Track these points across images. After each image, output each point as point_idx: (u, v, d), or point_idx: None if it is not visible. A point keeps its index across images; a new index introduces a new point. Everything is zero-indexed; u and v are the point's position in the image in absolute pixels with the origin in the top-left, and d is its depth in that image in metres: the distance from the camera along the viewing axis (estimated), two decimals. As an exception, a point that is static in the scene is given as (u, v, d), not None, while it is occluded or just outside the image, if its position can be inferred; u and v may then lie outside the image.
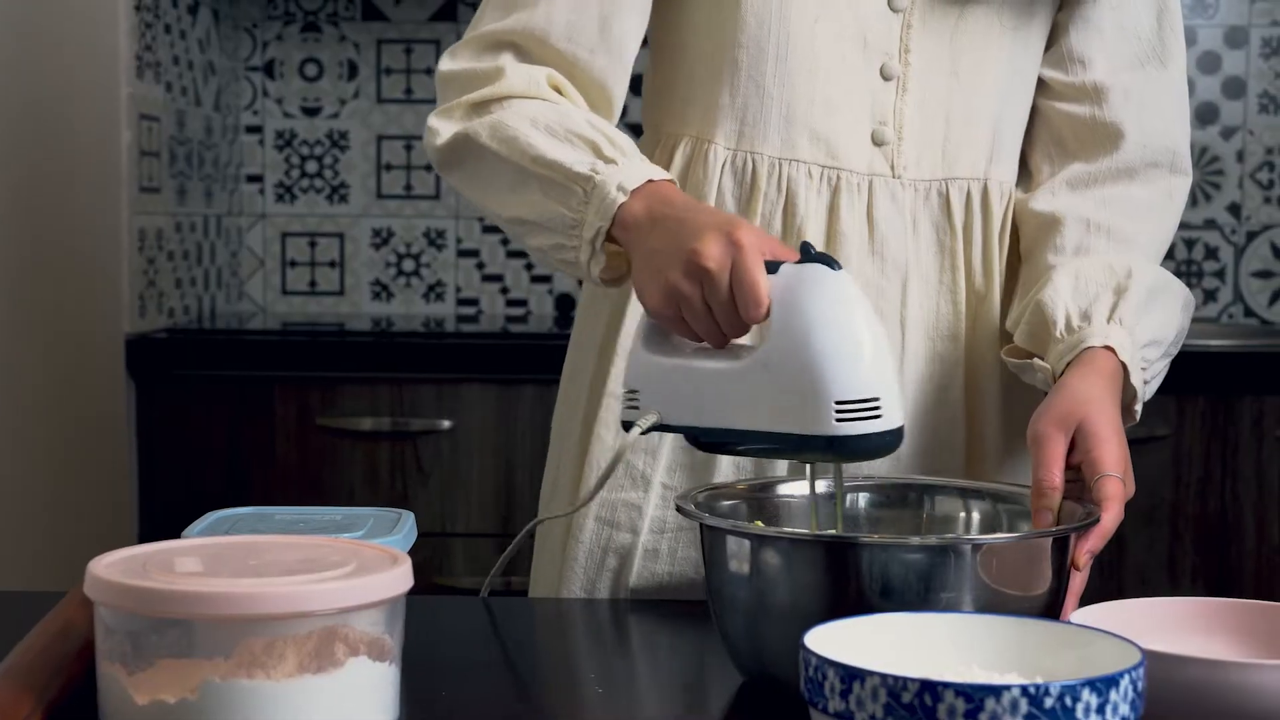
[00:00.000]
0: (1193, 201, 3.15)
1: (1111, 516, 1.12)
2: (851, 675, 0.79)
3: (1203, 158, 3.14)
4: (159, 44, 2.69)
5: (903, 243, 1.35)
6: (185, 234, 2.85)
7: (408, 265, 3.20)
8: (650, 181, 1.22)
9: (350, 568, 0.90)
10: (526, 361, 2.56)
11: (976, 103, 1.36)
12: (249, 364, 2.58)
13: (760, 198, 1.33)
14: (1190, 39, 3.11)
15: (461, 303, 3.20)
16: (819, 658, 0.81)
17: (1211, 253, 3.17)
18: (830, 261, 1.08)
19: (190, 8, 2.86)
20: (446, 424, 2.56)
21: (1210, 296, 3.18)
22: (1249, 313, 3.18)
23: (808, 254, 1.10)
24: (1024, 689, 0.76)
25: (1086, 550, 1.09)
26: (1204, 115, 3.14)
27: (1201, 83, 3.13)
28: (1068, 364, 1.26)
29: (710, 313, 1.12)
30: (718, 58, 1.34)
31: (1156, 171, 1.39)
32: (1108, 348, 1.25)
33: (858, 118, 1.34)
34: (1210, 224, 3.16)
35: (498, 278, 3.19)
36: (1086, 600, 1.06)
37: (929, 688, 0.77)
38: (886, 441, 1.08)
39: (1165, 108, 1.39)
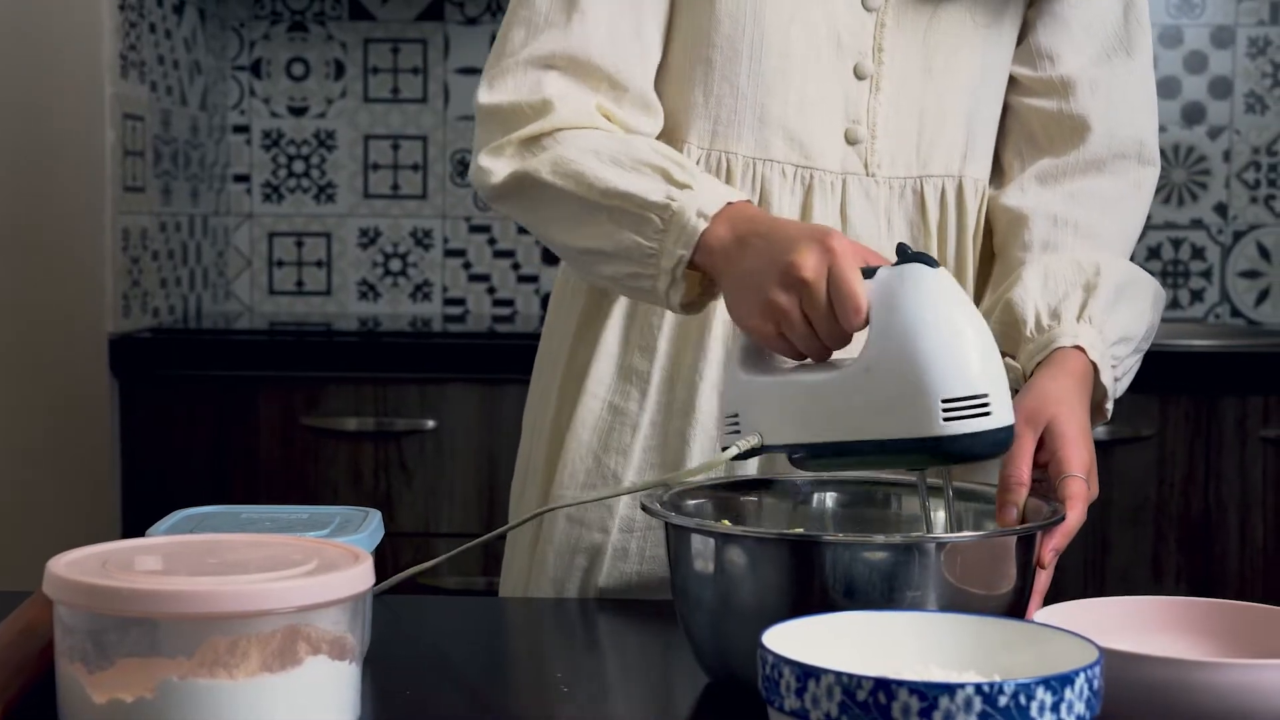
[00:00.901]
0: (1179, 201, 3.15)
1: (1075, 516, 1.12)
2: (807, 673, 0.79)
3: (1189, 157, 3.14)
4: (143, 43, 2.69)
5: (877, 241, 1.34)
6: (170, 233, 2.84)
7: (394, 265, 3.19)
8: (729, 204, 1.20)
9: (311, 566, 0.90)
10: (511, 361, 2.56)
11: (950, 101, 1.36)
12: (233, 364, 2.58)
13: (734, 197, 1.33)
14: (1177, 38, 3.11)
15: (448, 302, 3.20)
16: (775, 656, 0.81)
17: (1198, 252, 3.17)
18: (928, 260, 1.05)
19: (176, 7, 2.86)
20: (430, 424, 2.56)
21: (1197, 296, 3.18)
22: (1235, 313, 3.18)
23: (904, 254, 1.07)
24: (978, 687, 0.76)
25: (1051, 548, 1.09)
26: (1191, 115, 3.14)
27: (1188, 82, 3.13)
28: (1038, 363, 1.26)
29: (809, 324, 1.10)
30: (691, 57, 1.33)
31: (1124, 163, 1.39)
32: (1078, 347, 1.25)
33: (831, 117, 1.33)
34: (1197, 224, 3.16)
35: (484, 277, 3.19)
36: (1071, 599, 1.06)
37: (883, 686, 0.77)
38: (998, 440, 1.04)
39: (1132, 99, 1.40)
